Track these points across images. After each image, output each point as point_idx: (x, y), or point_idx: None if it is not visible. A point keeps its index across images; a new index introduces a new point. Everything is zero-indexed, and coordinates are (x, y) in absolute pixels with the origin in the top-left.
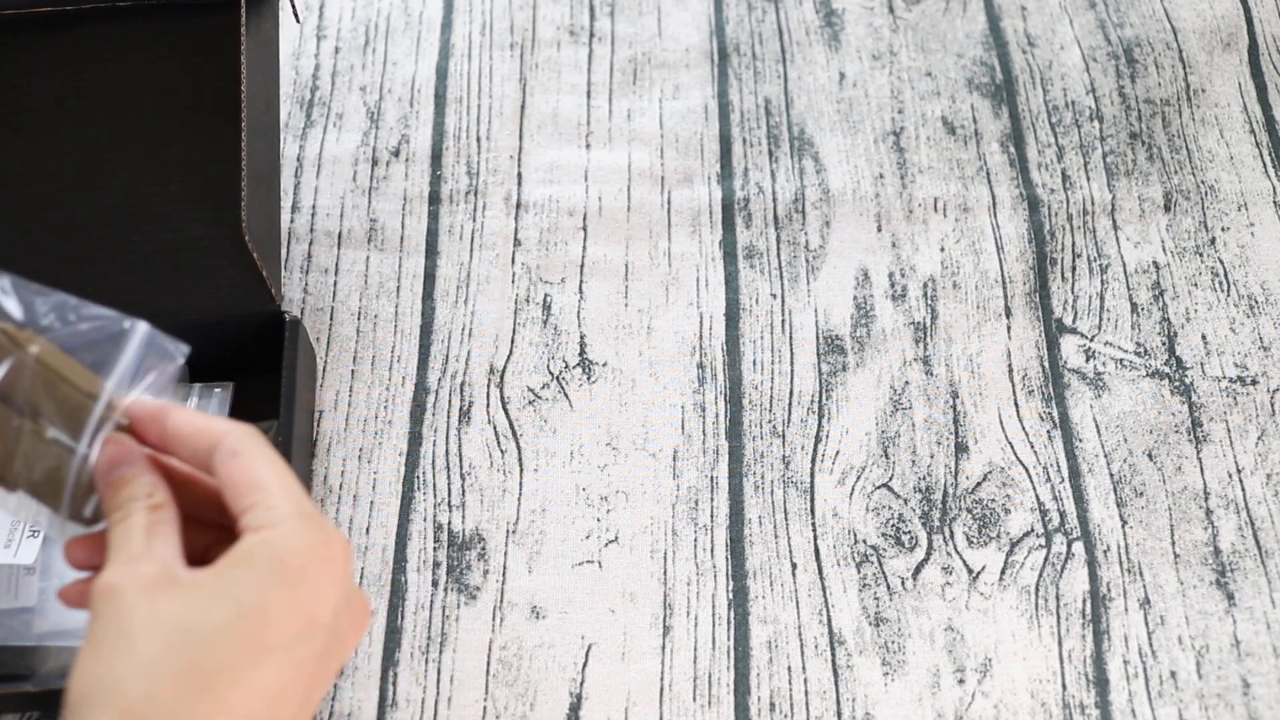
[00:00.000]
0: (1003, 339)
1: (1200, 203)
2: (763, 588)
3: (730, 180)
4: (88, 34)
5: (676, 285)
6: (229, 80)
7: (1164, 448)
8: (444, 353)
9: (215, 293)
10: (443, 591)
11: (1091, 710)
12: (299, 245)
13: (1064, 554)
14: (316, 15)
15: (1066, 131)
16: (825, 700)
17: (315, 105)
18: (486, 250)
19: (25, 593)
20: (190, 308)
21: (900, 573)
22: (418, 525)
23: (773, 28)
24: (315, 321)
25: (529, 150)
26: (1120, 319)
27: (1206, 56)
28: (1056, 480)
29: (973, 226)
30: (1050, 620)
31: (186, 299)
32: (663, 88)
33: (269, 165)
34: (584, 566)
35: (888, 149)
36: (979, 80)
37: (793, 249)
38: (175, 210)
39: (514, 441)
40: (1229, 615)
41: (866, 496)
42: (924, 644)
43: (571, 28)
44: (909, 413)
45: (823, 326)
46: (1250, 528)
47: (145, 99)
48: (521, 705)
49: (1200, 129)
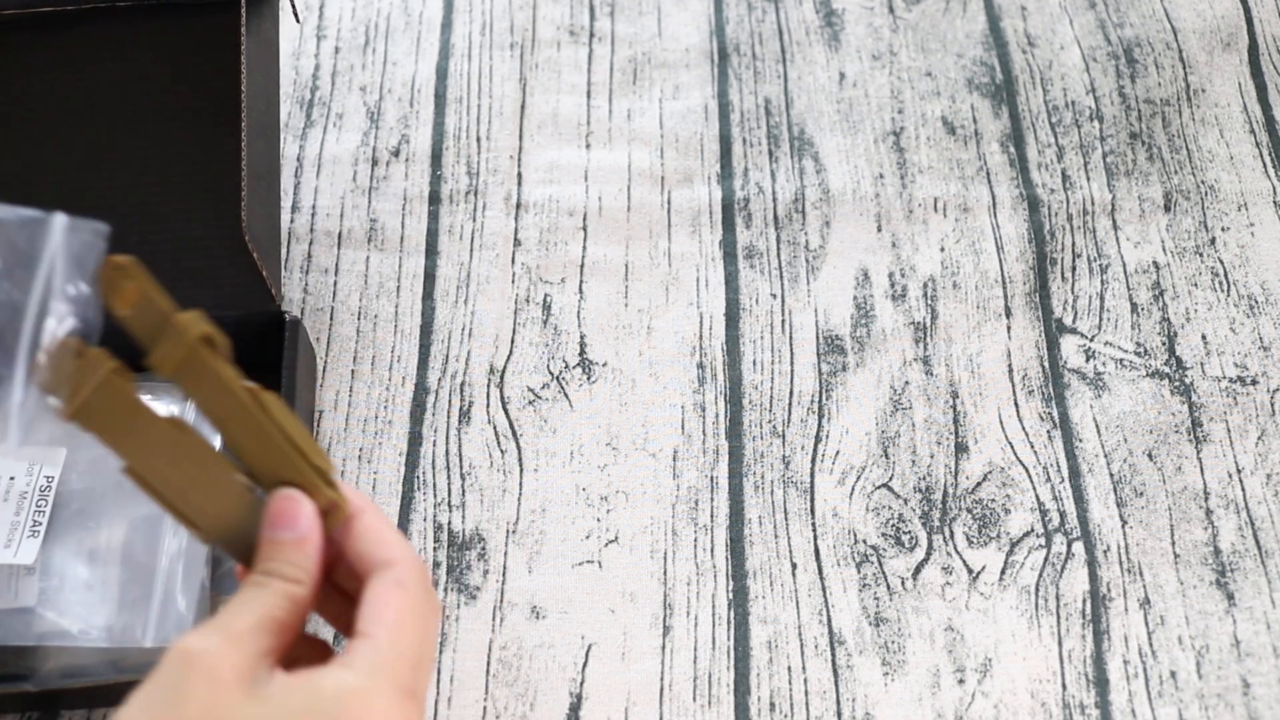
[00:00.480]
0: (1003, 339)
1: (1200, 203)
2: (763, 588)
3: (730, 180)
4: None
5: (676, 285)
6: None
7: (1164, 448)
8: (444, 353)
9: (215, 292)
10: (443, 591)
11: (1091, 710)
12: (299, 245)
13: (1064, 554)
14: (316, 15)
15: (1066, 131)
16: (825, 700)
17: (315, 105)
18: (486, 250)
19: (25, 593)
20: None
21: (900, 573)
22: (418, 525)
23: (773, 28)
24: (315, 321)
25: (529, 150)
26: (1120, 319)
27: (1206, 56)
28: (1056, 480)
29: (973, 226)
30: (1050, 620)
31: (186, 298)
32: (663, 88)
33: (269, 165)
34: (584, 566)
35: (888, 149)
36: (979, 80)
37: (793, 249)
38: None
39: (514, 441)
40: (1229, 615)
41: (866, 496)
42: (924, 644)
43: (571, 28)
44: (909, 413)
45: (823, 326)
46: (1250, 528)
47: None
48: (521, 705)
49: (1200, 129)
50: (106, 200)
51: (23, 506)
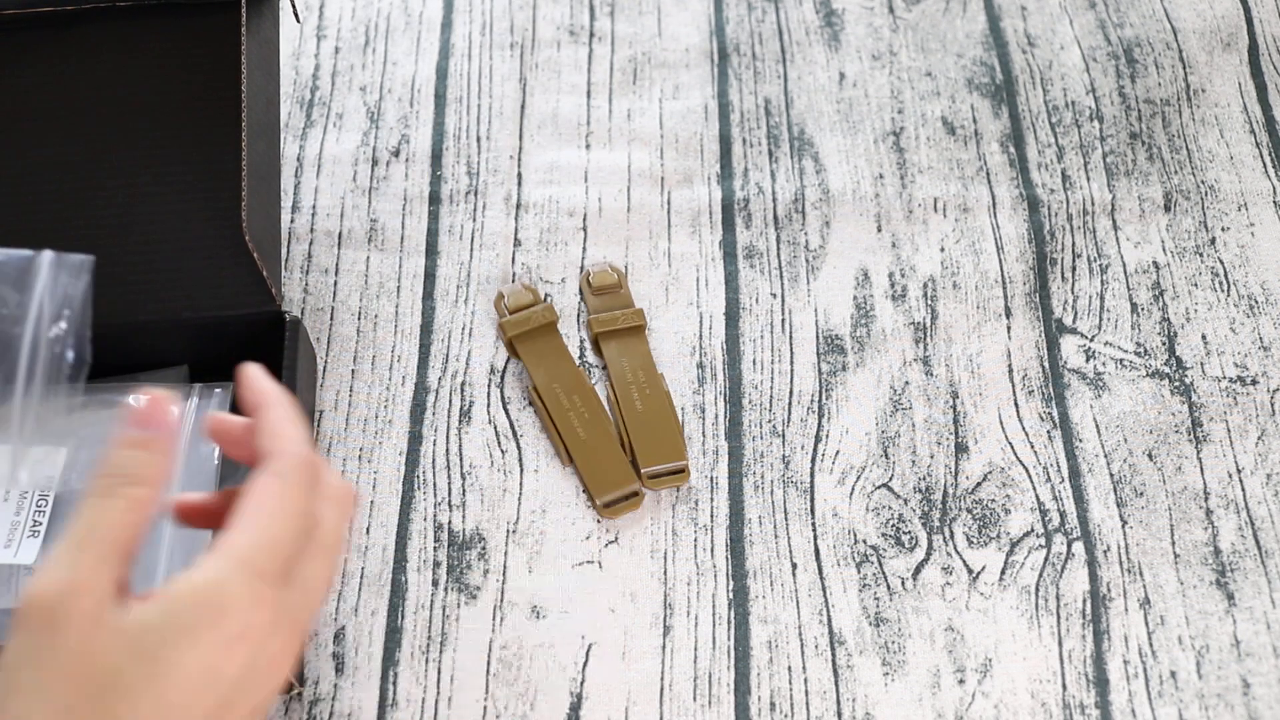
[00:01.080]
0: (1003, 339)
1: (1200, 203)
2: (763, 588)
3: (730, 180)
4: (88, 34)
5: (676, 285)
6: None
7: (1164, 448)
8: (444, 352)
9: (215, 293)
10: (443, 591)
11: (1091, 710)
12: (299, 245)
13: (1064, 554)
14: (316, 15)
15: (1066, 131)
16: (825, 700)
17: (315, 105)
18: (486, 250)
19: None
20: (190, 307)
21: (900, 573)
22: (418, 525)
23: (773, 28)
24: (315, 321)
25: (529, 150)
26: (1120, 319)
27: (1206, 56)
28: (1056, 480)
29: (973, 226)
30: (1050, 620)
31: (186, 299)
32: (663, 88)
33: (269, 165)
34: (584, 566)
35: (888, 149)
36: (979, 80)
37: (793, 249)
38: (175, 210)
39: (514, 441)
40: (1229, 615)
41: (866, 496)
42: (924, 644)
43: (571, 28)
44: (909, 413)
45: (823, 326)
46: (1250, 528)
47: (145, 99)
48: (521, 705)
49: (1200, 129)
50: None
51: (23, 507)
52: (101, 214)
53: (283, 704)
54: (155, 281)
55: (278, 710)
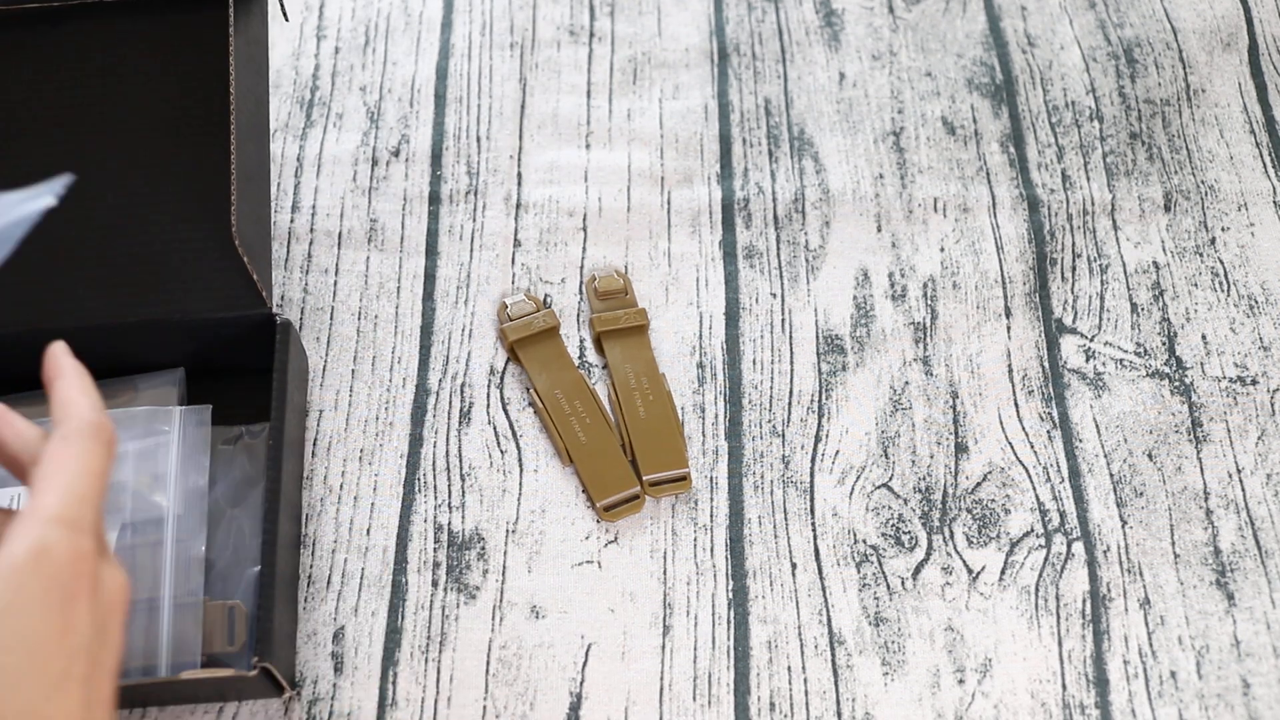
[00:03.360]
0: (1003, 339)
1: (1200, 203)
2: (762, 587)
3: (730, 180)
4: (73, 33)
5: (676, 285)
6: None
7: (1164, 448)
8: (444, 353)
9: (205, 295)
10: (443, 591)
11: (1091, 710)
12: (299, 245)
13: (1064, 554)
14: (316, 15)
15: (1066, 131)
16: (825, 700)
17: (315, 105)
18: (486, 250)
19: None
20: (180, 310)
21: (900, 573)
22: (418, 526)
23: (773, 28)
24: (315, 321)
25: (529, 150)
26: (1120, 319)
27: (1206, 56)
28: (1056, 480)
29: (973, 226)
30: (1050, 620)
31: (176, 301)
32: (663, 88)
33: (259, 166)
34: (584, 566)
35: (887, 149)
36: (979, 80)
37: (793, 249)
38: (164, 212)
39: (514, 442)
40: (1229, 615)
41: (866, 496)
42: (924, 644)
43: (571, 28)
44: (909, 413)
45: (823, 326)
46: (1250, 528)
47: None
48: (521, 705)
49: (1200, 129)
50: (94, 201)
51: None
52: (90, 217)
53: (283, 704)
54: (145, 284)
55: (278, 710)
